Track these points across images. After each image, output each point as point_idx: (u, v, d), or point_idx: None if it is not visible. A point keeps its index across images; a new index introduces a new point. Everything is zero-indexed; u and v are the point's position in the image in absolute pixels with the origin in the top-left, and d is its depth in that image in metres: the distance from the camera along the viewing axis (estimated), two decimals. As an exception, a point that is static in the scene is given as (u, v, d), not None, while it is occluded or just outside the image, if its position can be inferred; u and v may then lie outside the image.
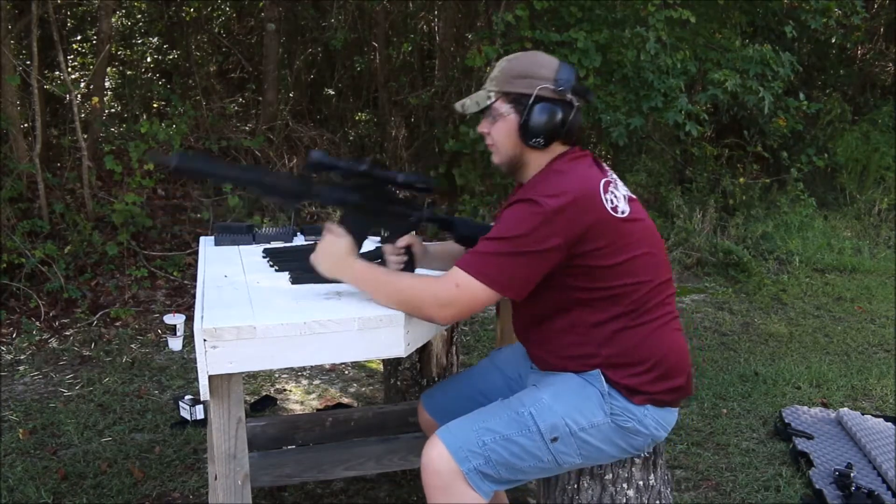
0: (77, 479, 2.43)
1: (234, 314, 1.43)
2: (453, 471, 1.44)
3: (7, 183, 4.25)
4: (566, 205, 1.41)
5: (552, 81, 1.49)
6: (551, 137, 1.50)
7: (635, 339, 1.51)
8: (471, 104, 1.56)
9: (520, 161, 1.56)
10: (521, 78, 1.50)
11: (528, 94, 1.48)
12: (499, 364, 1.81)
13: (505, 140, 1.54)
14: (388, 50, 6.66)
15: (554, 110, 1.48)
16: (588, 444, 1.51)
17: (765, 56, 4.90)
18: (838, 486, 2.38)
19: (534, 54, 1.56)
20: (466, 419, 1.52)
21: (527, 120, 1.49)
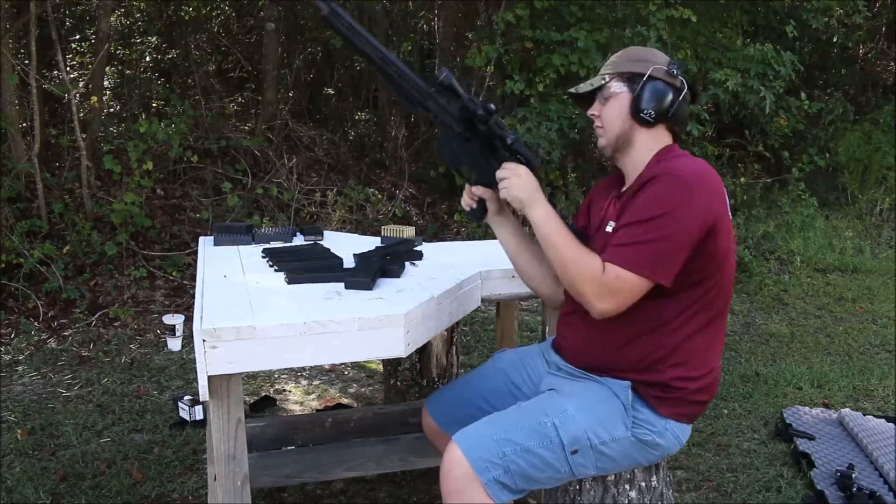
0: (76, 480, 2.43)
1: (233, 314, 1.42)
2: (472, 480, 1.43)
3: (6, 183, 4.24)
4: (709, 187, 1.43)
5: (665, 65, 1.55)
6: (660, 115, 1.54)
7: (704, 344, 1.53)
8: (584, 85, 1.62)
9: (627, 139, 1.58)
10: (636, 61, 1.57)
11: (642, 74, 1.54)
12: (502, 367, 1.78)
13: (615, 118, 1.58)
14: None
15: (665, 90, 1.53)
16: (605, 457, 1.51)
17: (766, 55, 4.89)
18: (840, 487, 2.37)
19: (649, 48, 1.67)
20: (486, 426, 1.50)
21: (639, 95, 1.54)
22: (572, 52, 4.77)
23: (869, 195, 6.65)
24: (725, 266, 1.50)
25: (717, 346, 1.57)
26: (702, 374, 1.53)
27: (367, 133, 6.83)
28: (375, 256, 1.87)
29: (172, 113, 5.27)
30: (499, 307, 2.48)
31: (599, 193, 1.72)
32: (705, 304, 1.50)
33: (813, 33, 6.21)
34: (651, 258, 1.42)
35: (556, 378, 1.65)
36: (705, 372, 1.54)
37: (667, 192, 1.43)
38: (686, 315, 1.50)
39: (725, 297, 1.54)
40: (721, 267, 1.49)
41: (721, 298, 1.52)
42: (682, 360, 1.51)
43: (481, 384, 1.77)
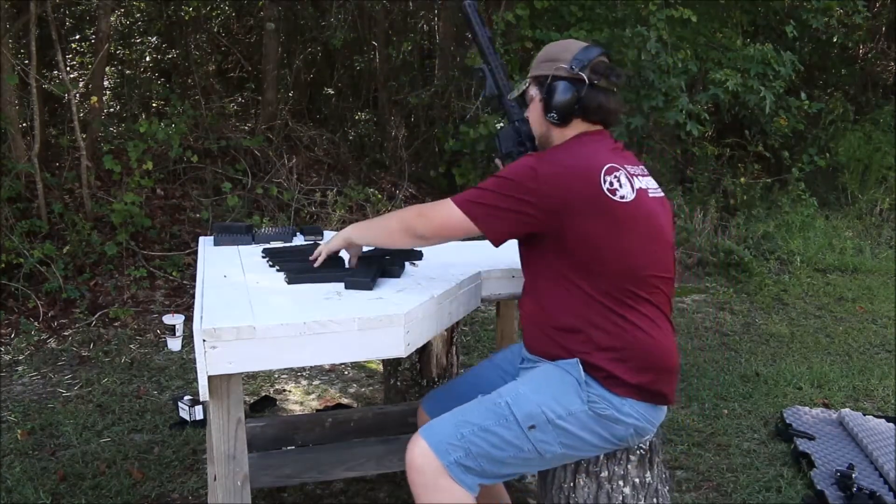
0: (76, 480, 2.42)
1: (233, 314, 1.42)
2: (436, 466, 1.47)
3: (6, 183, 4.24)
4: (555, 173, 1.49)
5: (568, 62, 1.59)
6: (566, 114, 1.59)
7: (620, 324, 1.52)
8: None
9: (547, 140, 1.67)
10: (545, 62, 1.64)
11: (547, 75, 1.61)
12: (497, 362, 1.82)
13: (535, 121, 1.68)
14: (388, 49, 6.64)
15: (566, 88, 1.58)
16: (567, 433, 1.51)
17: (766, 55, 4.89)
18: (840, 487, 2.37)
19: (566, 41, 1.68)
20: (446, 415, 1.55)
21: (545, 98, 1.61)
22: (572, 52, 4.76)
23: (869, 195, 6.65)
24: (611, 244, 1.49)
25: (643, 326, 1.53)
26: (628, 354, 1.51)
27: (367, 133, 6.83)
28: (375, 256, 1.87)
29: (172, 113, 5.27)
30: (499, 307, 2.48)
31: None
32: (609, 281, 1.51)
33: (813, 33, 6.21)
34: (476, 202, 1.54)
35: (523, 370, 1.69)
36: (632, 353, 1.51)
37: (520, 166, 1.54)
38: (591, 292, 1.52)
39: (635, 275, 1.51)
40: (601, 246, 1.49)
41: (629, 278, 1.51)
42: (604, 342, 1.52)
43: (477, 381, 1.79)
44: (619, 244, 1.50)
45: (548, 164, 1.50)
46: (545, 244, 1.55)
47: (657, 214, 1.57)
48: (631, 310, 1.53)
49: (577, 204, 1.47)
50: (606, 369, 1.52)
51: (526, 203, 1.49)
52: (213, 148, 5.29)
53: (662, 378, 1.56)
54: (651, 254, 1.54)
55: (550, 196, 1.48)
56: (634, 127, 4.83)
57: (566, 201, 1.47)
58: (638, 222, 1.52)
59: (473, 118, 5.39)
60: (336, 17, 6.24)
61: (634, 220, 1.52)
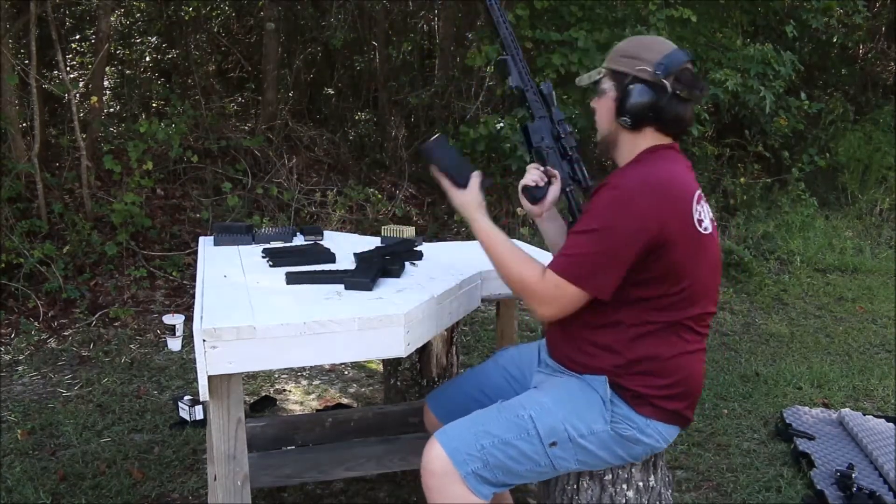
0: (76, 480, 2.42)
1: (233, 314, 1.42)
2: (451, 473, 1.44)
3: (6, 183, 4.24)
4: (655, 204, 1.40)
5: (651, 64, 1.48)
6: (639, 120, 1.50)
7: (666, 352, 1.50)
8: (585, 78, 1.61)
9: (613, 140, 1.57)
10: (626, 57, 1.52)
11: (627, 74, 1.50)
12: (503, 364, 1.79)
13: (603, 116, 1.57)
14: (388, 49, 6.64)
15: (645, 93, 1.48)
16: (586, 451, 1.50)
17: (766, 55, 4.89)
18: (840, 487, 2.38)
19: (653, 38, 1.58)
20: (465, 421, 1.52)
21: (620, 98, 1.50)
22: (572, 52, 4.76)
23: (869, 195, 6.65)
24: (690, 275, 1.46)
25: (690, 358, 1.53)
26: (668, 383, 1.50)
27: (367, 133, 6.82)
28: (376, 256, 1.87)
29: (172, 113, 5.27)
30: (499, 307, 2.48)
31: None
32: (668, 313, 1.47)
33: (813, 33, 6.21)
34: (587, 271, 1.43)
35: (542, 375, 1.66)
36: (672, 381, 1.51)
37: (605, 205, 1.43)
38: (645, 324, 1.48)
39: (696, 306, 1.50)
40: (683, 277, 1.45)
41: (689, 307, 1.49)
42: (646, 370, 1.50)
43: (481, 380, 1.78)
44: (695, 276, 1.47)
45: (644, 194, 1.41)
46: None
47: (718, 247, 1.56)
48: (685, 342, 1.51)
49: (672, 235, 1.41)
50: (640, 392, 1.50)
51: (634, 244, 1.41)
52: (213, 148, 5.29)
53: (694, 404, 1.58)
54: (713, 288, 1.54)
55: (651, 229, 1.40)
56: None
57: (663, 233, 1.40)
58: (711, 255, 1.50)
59: (473, 118, 5.39)
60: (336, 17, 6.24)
61: (709, 252, 1.49)
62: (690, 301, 1.48)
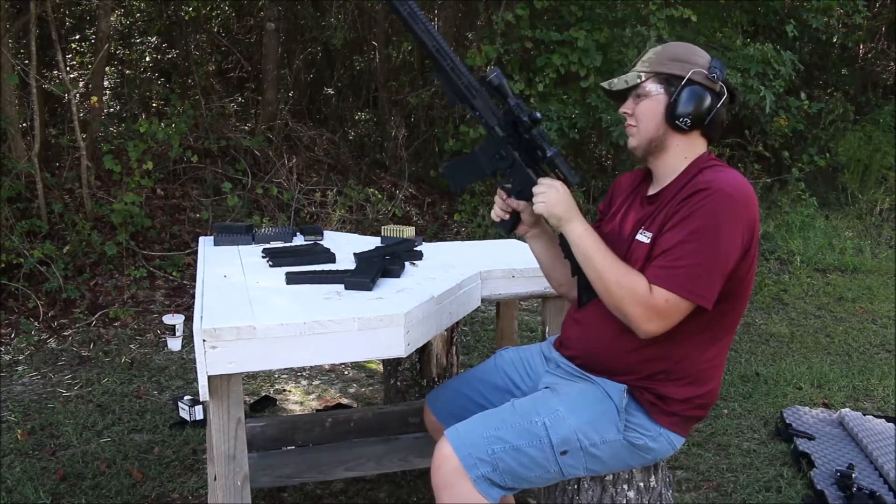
0: (76, 480, 2.42)
1: (233, 314, 1.42)
2: (461, 475, 1.44)
3: (6, 182, 4.24)
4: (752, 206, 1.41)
5: (705, 68, 1.48)
6: (697, 122, 1.48)
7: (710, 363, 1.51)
8: (618, 82, 1.55)
9: (659, 143, 1.53)
10: (675, 61, 1.50)
11: (681, 76, 1.48)
12: (502, 365, 1.79)
13: (649, 120, 1.51)
14: (388, 49, 6.64)
15: (703, 95, 1.47)
16: (596, 459, 1.50)
17: (766, 55, 4.89)
18: (840, 487, 2.37)
19: (689, 45, 1.56)
20: (476, 423, 1.50)
21: (676, 100, 1.47)
22: (572, 52, 4.77)
23: (869, 195, 6.65)
24: (749, 284, 1.48)
25: (722, 364, 1.56)
26: (702, 392, 1.52)
27: (367, 133, 6.83)
28: (376, 256, 1.87)
29: (172, 113, 5.27)
30: (499, 307, 2.48)
31: (622, 190, 1.68)
32: (721, 324, 1.49)
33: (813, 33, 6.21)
34: (699, 281, 1.38)
35: (553, 377, 1.65)
36: (706, 391, 1.53)
37: (715, 209, 1.39)
38: (702, 333, 1.48)
39: (737, 320, 1.52)
40: (746, 288, 1.47)
41: (737, 318, 1.51)
42: (686, 376, 1.50)
43: (481, 381, 1.77)
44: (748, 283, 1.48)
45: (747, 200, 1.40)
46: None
47: None
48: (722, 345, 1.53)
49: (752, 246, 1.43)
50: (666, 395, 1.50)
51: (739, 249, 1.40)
52: (213, 148, 5.29)
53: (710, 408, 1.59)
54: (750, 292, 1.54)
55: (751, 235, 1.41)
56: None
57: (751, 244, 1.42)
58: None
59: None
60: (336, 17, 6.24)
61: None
62: (741, 310, 1.51)
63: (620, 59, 4.82)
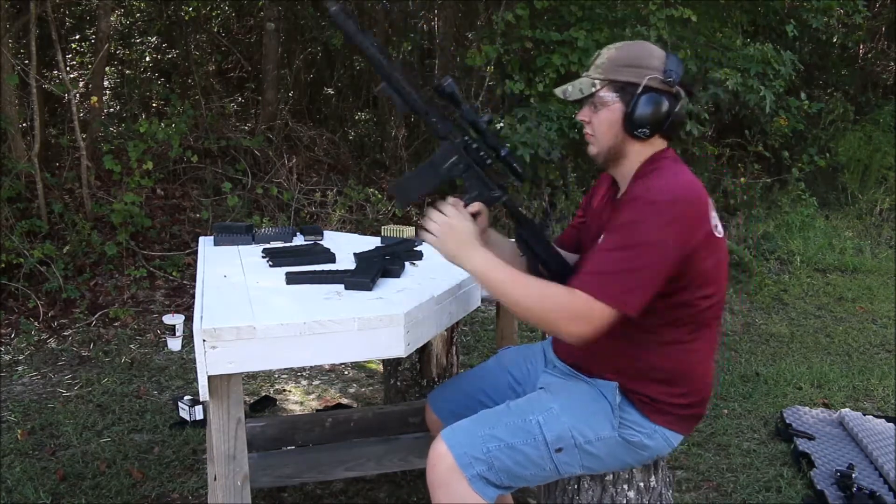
0: (76, 480, 2.43)
1: (233, 314, 1.42)
2: (457, 474, 1.44)
3: (6, 182, 4.24)
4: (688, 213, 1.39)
5: (661, 72, 1.44)
6: (656, 129, 1.46)
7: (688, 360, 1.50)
8: (573, 91, 1.51)
9: (619, 152, 1.51)
10: (630, 67, 1.46)
11: (636, 84, 1.44)
12: (506, 365, 1.79)
13: (607, 130, 1.49)
14: (388, 49, 6.64)
15: (661, 101, 1.44)
16: (591, 457, 1.50)
17: (766, 55, 4.89)
18: (840, 487, 2.38)
19: (642, 44, 1.52)
20: (472, 422, 1.51)
21: (633, 110, 1.44)
22: (572, 52, 4.76)
23: (869, 195, 6.65)
24: (713, 283, 1.46)
25: (706, 362, 1.54)
26: (685, 391, 1.51)
27: (367, 133, 6.82)
28: (376, 256, 1.87)
29: (172, 113, 5.27)
30: (499, 307, 2.48)
31: (598, 190, 1.69)
32: (692, 322, 1.48)
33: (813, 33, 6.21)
34: (622, 289, 1.37)
35: (549, 376, 1.66)
36: (689, 390, 1.52)
37: (641, 220, 1.37)
38: (670, 332, 1.48)
39: (715, 313, 1.50)
40: (708, 285, 1.45)
41: (709, 315, 1.49)
42: (666, 377, 1.50)
43: (483, 380, 1.78)
44: (719, 282, 1.47)
45: (674, 207, 1.37)
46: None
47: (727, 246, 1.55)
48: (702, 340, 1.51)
49: (699, 245, 1.40)
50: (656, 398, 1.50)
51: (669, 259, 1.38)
52: (213, 148, 5.29)
53: (704, 406, 1.57)
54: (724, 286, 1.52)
55: (686, 242, 1.38)
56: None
57: (692, 244, 1.39)
58: (726, 254, 1.50)
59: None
60: (336, 17, 6.22)
61: (725, 252, 1.49)
62: (716, 308, 1.49)
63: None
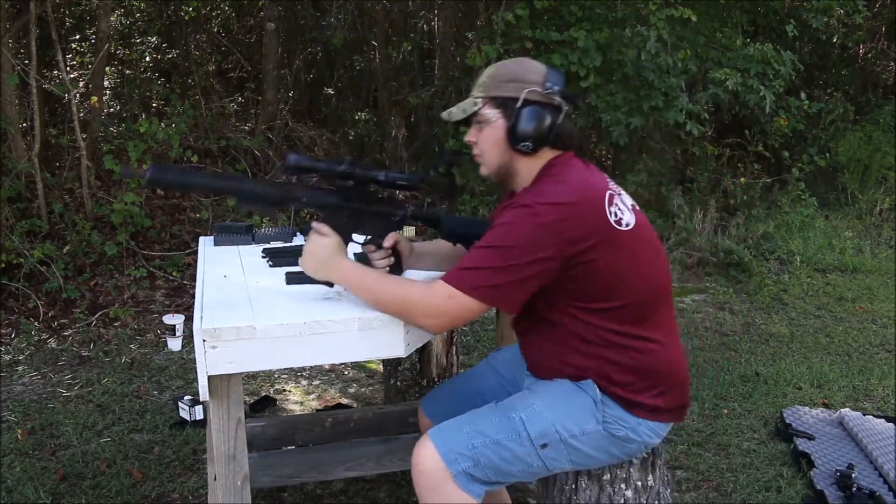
0: (76, 480, 2.43)
1: (233, 314, 1.42)
2: (442, 471, 1.44)
3: (6, 182, 4.24)
4: (566, 216, 1.38)
5: (540, 85, 1.45)
6: (540, 142, 1.46)
7: (638, 349, 1.49)
8: (457, 112, 1.53)
9: (509, 168, 1.52)
10: (509, 82, 1.47)
11: (516, 98, 1.45)
12: (496, 366, 1.80)
13: (493, 147, 1.51)
14: (388, 49, 6.64)
15: (542, 114, 1.45)
16: (578, 451, 1.51)
17: (766, 55, 4.89)
18: (839, 487, 2.38)
19: (522, 60, 1.54)
20: (458, 420, 1.53)
21: (514, 124, 1.45)
22: (572, 52, 4.76)
23: (869, 195, 6.65)
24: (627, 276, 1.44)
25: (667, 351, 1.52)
26: (654, 382, 1.50)
27: (367, 133, 6.83)
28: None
29: (172, 113, 5.27)
30: (499, 307, 2.48)
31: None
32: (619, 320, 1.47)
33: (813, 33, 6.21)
34: (487, 283, 1.38)
35: (532, 378, 1.66)
36: (657, 381, 1.51)
37: (510, 224, 1.39)
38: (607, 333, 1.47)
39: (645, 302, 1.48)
40: (620, 280, 1.44)
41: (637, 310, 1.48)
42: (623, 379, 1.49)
43: (475, 382, 1.78)
44: (634, 272, 1.46)
45: (551, 211, 1.38)
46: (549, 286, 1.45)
47: (651, 229, 1.54)
48: (646, 332, 1.50)
49: (591, 243, 1.40)
50: (625, 396, 1.50)
51: (543, 261, 1.38)
52: (213, 148, 5.29)
53: (680, 392, 1.56)
54: (658, 272, 1.52)
55: (564, 244, 1.38)
56: (634, 127, 4.83)
57: (579, 244, 1.39)
58: (644, 244, 1.49)
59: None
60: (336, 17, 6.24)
61: (641, 243, 1.48)
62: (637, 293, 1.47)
63: (620, 59, 4.82)
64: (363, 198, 1.57)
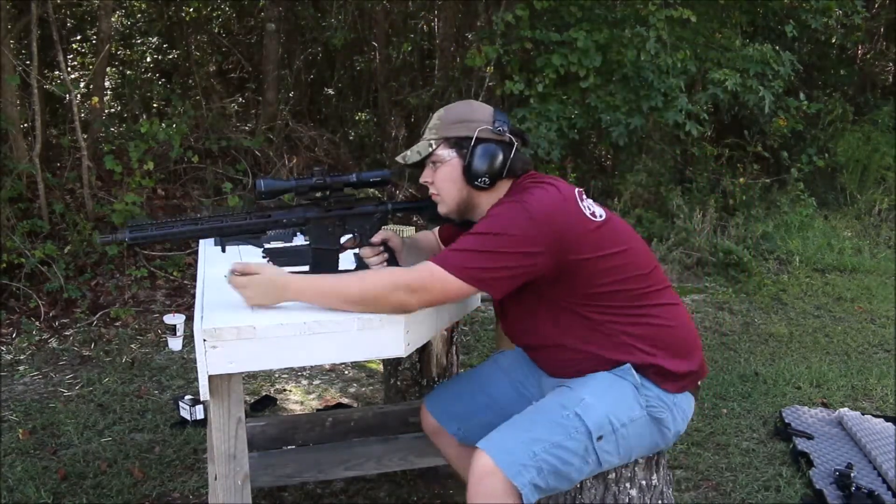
0: (77, 480, 2.43)
1: (233, 314, 1.43)
2: (505, 487, 1.40)
3: (7, 183, 4.25)
4: (550, 212, 1.45)
5: (489, 123, 1.54)
6: (495, 177, 1.54)
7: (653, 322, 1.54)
8: (412, 154, 1.58)
9: (469, 204, 1.59)
10: (460, 123, 1.55)
11: (469, 137, 1.53)
12: (504, 367, 1.80)
13: (450, 185, 1.57)
14: (388, 50, 6.65)
15: (495, 151, 1.52)
16: (626, 441, 1.51)
17: (765, 55, 4.90)
18: (838, 487, 2.38)
19: (469, 102, 1.64)
20: (509, 429, 1.49)
21: (470, 161, 1.52)
22: (572, 53, 4.77)
23: (868, 195, 6.65)
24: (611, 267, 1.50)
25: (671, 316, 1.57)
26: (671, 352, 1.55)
27: (367, 133, 6.83)
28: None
29: (173, 113, 5.28)
30: (498, 307, 2.49)
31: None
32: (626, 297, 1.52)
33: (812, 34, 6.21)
34: (477, 267, 1.42)
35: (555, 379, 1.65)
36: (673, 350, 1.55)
37: (514, 216, 1.44)
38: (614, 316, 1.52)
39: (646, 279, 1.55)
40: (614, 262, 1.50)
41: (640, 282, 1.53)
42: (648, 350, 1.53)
43: (483, 381, 1.78)
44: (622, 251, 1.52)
45: (537, 205, 1.44)
46: (540, 285, 1.50)
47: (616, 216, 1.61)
48: (653, 300, 1.55)
49: (576, 236, 1.46)
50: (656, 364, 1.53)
51: (533, 254, 1.43)
52: (213, 148, 5.30)
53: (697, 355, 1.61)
54: (640, 244, 1.59)
55: (553, 235, 1.43)
56: (634, 127, 4.84)
57: (567, 237, 1.45)
58: (619, 229, 1.56)
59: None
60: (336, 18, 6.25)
61: (616, 228, 1.55)
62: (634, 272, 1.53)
63: (620, 59, 4.83)
64: (341, 203, 1.60)
